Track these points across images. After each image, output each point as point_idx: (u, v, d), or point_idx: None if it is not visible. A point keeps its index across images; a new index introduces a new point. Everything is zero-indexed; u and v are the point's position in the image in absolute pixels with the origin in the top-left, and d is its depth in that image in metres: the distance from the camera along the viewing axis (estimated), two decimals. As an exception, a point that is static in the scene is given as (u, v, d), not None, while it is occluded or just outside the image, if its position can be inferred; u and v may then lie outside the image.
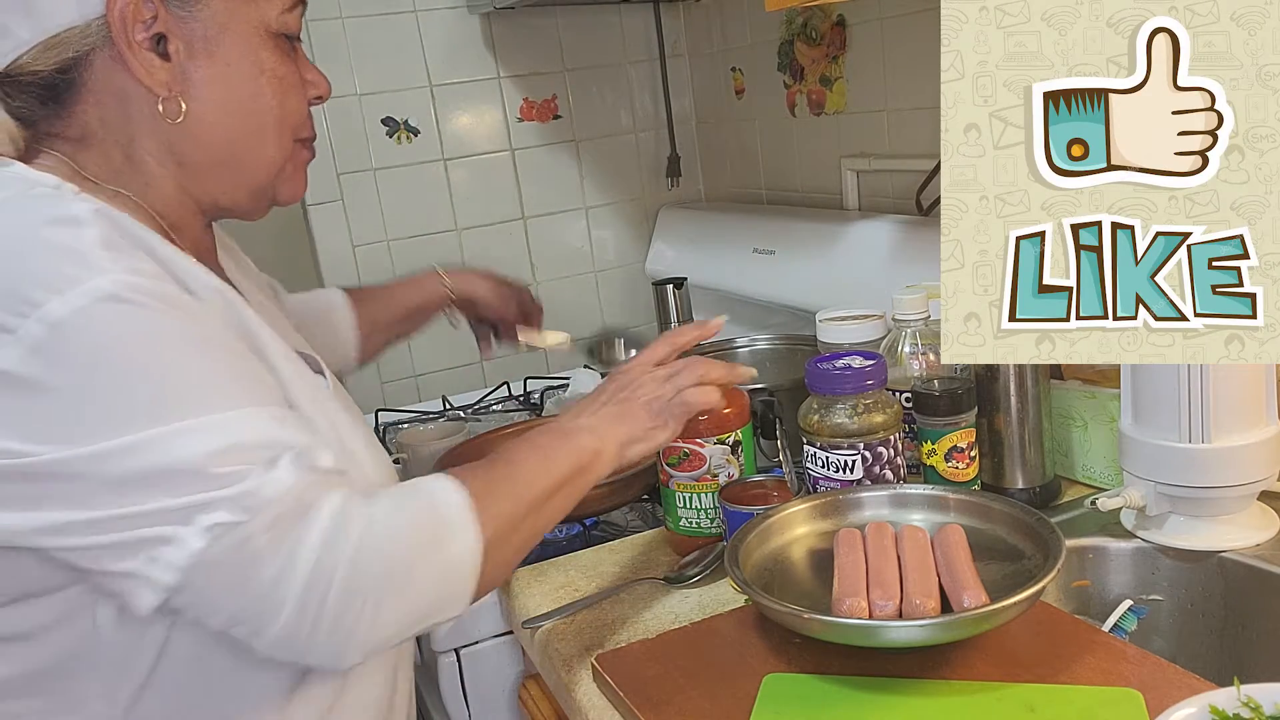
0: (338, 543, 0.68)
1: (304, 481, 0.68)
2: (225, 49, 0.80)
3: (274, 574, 0.66)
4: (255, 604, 0.67)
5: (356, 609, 0.68)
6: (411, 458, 1.47)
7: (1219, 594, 0.95)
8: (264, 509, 0.66)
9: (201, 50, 0.79)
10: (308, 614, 0.67)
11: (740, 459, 1.07)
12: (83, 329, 0.65)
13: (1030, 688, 0.76)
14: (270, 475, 0.67)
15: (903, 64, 1.59)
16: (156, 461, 0.65)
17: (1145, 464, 0.95)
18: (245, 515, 0.65)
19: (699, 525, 1.07)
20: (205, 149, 0.81)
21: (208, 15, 0.79)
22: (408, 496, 0.75)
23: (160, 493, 0.65)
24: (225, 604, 0.67)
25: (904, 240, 1.49)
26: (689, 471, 1.05)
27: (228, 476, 0.66)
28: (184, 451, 0.65)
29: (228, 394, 0.69)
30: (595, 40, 2.08)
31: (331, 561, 0.67)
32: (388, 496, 0.74)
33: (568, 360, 2.06)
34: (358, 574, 0.68)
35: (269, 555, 0.66)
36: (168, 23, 0.77)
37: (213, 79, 0.80)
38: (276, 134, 0.84)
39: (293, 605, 0.66)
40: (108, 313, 0.66)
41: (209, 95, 0.80)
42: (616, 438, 0.89)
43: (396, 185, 1.97)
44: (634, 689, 0.83)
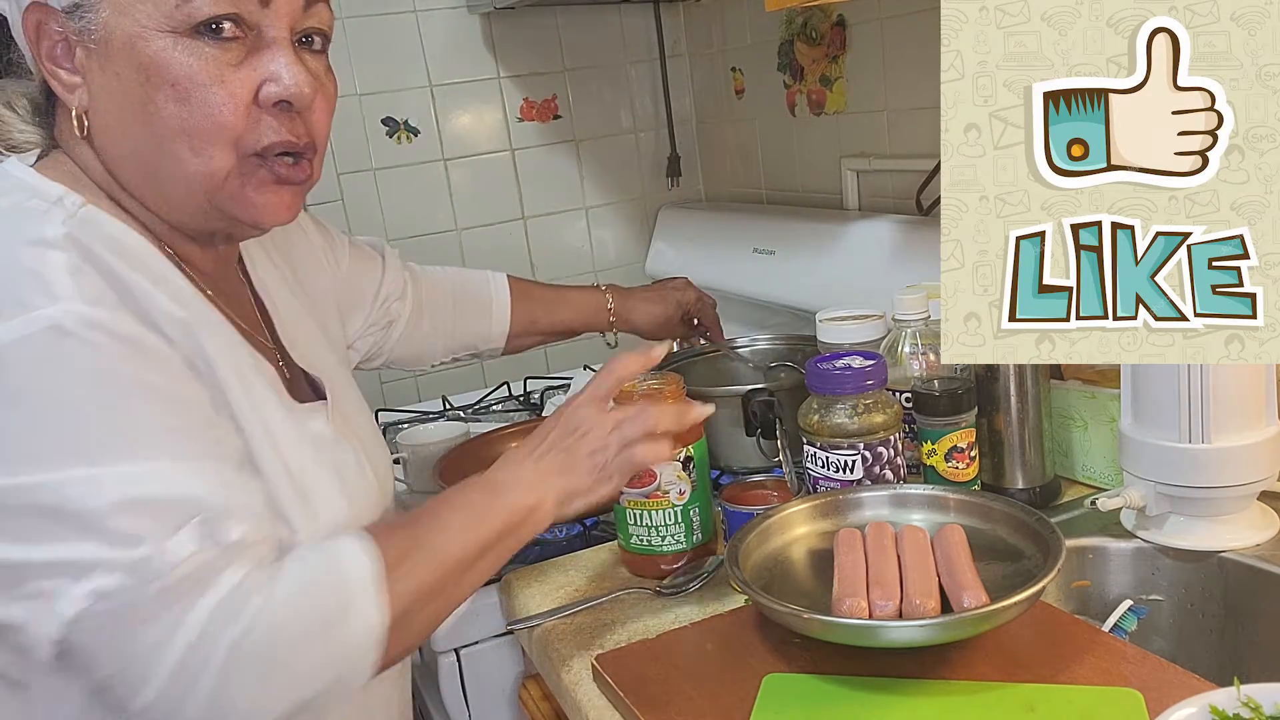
0: (225, 623, 0.65)
1: (204, 555, 0.65)
2: (114, 57, 0.73)
3: (154, 641, 0.64)
4: (132, 667, 0.64)
5: (234, 689, 0.65)
6: (411, 458, 1.47)
7: (1219, 594, 0.95)
8: (156, 578, 0.64)
9: (96, 58, 0.73)
10: (179, 685, 0.64)
11: (693, 475, 1.03)
12: (19, 358, 0.64)
13: (1030, 688, 0.76)
14: (169, 543, 0.64)
15: (903, 64, 1.59)
16: (58, 505, 0.63)
17: (1145, 464, 0.95)
18: (135, 581, 0.63)
19: (650, 543, 1.04)
20: (127, 168, 0.76)
21: (98, 21, 0.72)
22: (315, 568, 0.71)
23: (56, 540, 0.63)
24: (104, 662, 0.65)
25: (904, 240, 1.49)
26: (640, 488, 1.02)
27: (126, 537, 0.63)
28: (88, 500, 0.63)
29: (152, 444, 0.66)
30: (595, 40, 2.08)
31: (214, 641, 0.64)
32: (294, 568, 0.70)
33: (569, 360, 2.07)
34: (241, 655, 0.65)
35: (153, 623, 0.64)
36: (70, 35, 0.73)
37: (107, 89, 0.74)
38: (186, 146, 0.73)
39: (166, 676, 0.64)
40: (49, 345, 0.64)
41: (107, 107, 0.74)
42: (556, 493, 0.83)
43: (396, 185, 1.97)
44: (634, 689, 0.83)
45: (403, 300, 1.21)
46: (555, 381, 1.89)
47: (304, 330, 0.96)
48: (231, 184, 0.76)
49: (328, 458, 0.85)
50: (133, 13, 0.72)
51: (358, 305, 1.15)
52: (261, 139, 0.75)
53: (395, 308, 1.20)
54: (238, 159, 0.75)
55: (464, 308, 1.28)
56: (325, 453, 0.85)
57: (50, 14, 0.73)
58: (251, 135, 0.75)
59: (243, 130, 0.74)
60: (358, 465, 0.88)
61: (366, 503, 0.87)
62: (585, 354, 2.07)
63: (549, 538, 1.25)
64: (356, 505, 0.85)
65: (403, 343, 1.23)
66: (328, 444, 0.86)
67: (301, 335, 0.94)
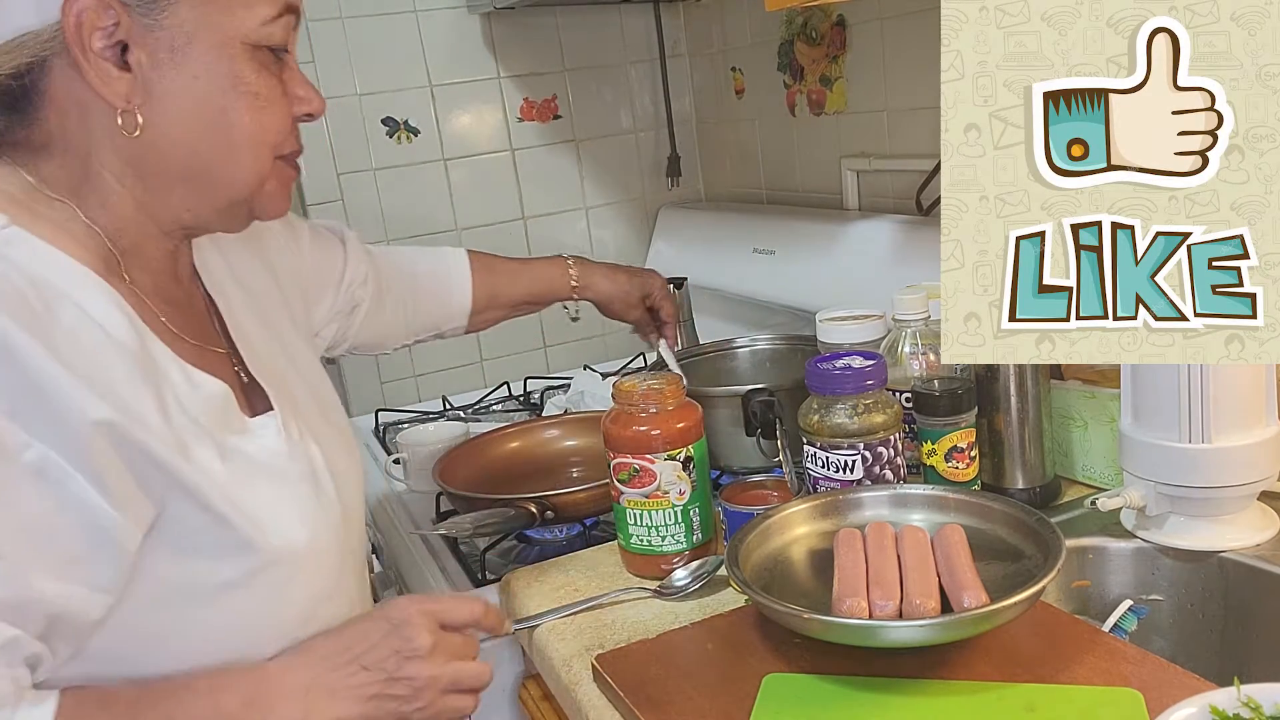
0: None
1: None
2: (193, 60, 0.75)
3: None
4: None
5: None
6: (411, 458, 1.47)
7: (1219, 594, 0.95)
8: None
9: (167, 61, 0.74)
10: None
11: (693, 475, 1.03)
12: None
13: (1030, 688, 0.76)
14: None
15: (903, 64, 1.59)
16: None
17: (1145, 464, 0.95)
18: None
19: (650, 543, 1.04)
20: (169, 164, 0.77)
21: (175, 24, 0.74)
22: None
23: None
24: None
25: (904, 240, 1.49)
26: (639, 488, 1.02)
27: None
28: None
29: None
30: (595, 40, 2.08)
31: None
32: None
33: (569, 360, 2.07)
34: None
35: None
36: (131, 31, 0.73)
37: (178, 91, 0.75)
38: (251, 151, 0.79)
39: None
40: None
41: (173, 108, 0.75)
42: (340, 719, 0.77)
43: (396, 185, 1.97)
44: (634, 689, 0.83)
45: (365, 285, 1.19)
46: (555, 381, 1.89)
47: (258, 331, 0.93)
48: (269, 185, 0.82)
49: (276, 482, 0.81)
50: (225, 20, 0.75)
51: (323, 291, 1.14)
52: (285, 146, 0.82)
53: (359, 292, 1.19)
54: (274, 163, 0.82)
55: (425, 287, 1.26)
56: (274, 477, 0.81)
57: (104, 8, 0.72)
58: (286, 144, 0.82)
59: (286, 139, 0.82)
60: (313, 482, 0.85)
61: (324, 523, 0.84)
62: (585, 354, 2.07)
63: (549, 537, 1.25)
64: (311, 526, 0.82)
65: (365, 328, 1.21)
66: (279, 463, 0.82)
67: (256, 337, 0.92)
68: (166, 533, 0.73)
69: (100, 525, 0.69)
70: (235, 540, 0.76)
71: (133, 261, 0.79)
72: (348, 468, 0.92)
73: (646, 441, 1.01)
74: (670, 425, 1.02)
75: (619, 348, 2.07)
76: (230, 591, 0.76)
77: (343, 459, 0.92)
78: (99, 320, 0.73)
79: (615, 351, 2.09)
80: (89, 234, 0.76)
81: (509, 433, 1.45)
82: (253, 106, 0.77)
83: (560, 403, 1.75)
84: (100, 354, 0.71)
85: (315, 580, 0.83)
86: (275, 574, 0.78)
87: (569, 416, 1.51)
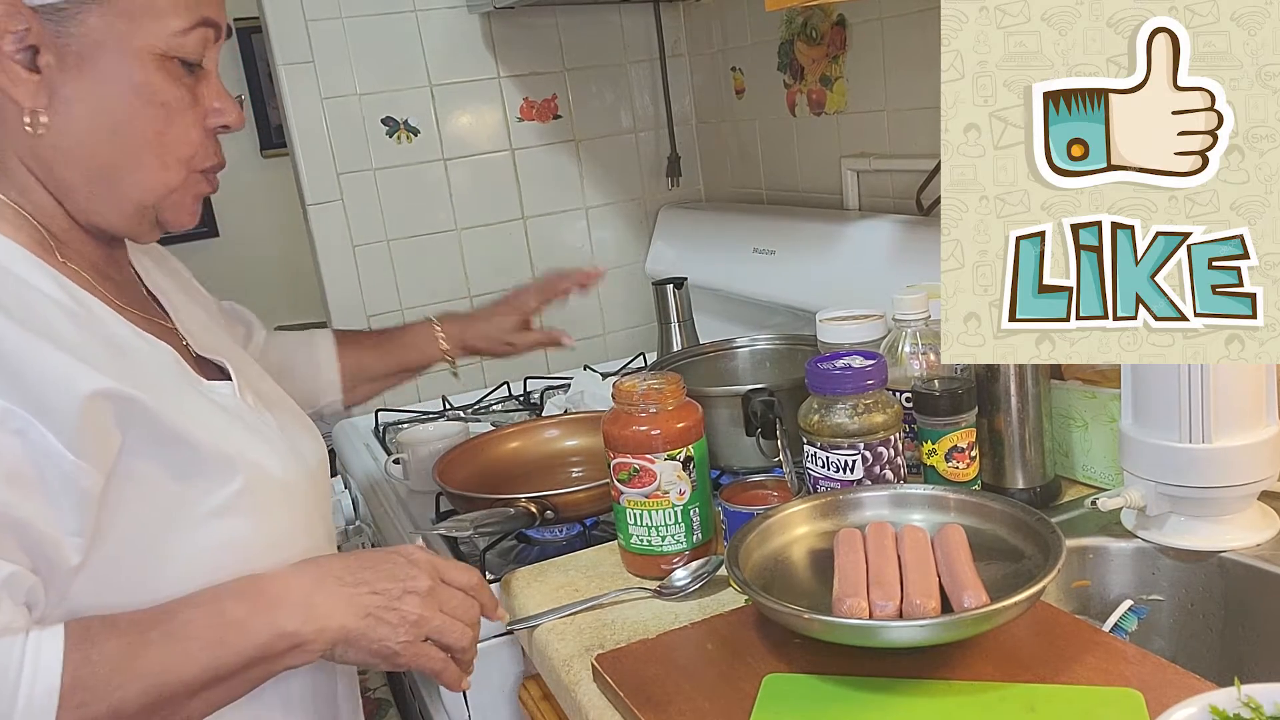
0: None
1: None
2: (101, 68, 0.77)
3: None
4: None
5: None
6: (411, 458, 1.47)
7: (1219, 594, 0.95)
8: None
9: (73, 66, 0.76)
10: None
11: (693, 475, 1.03)
12: None
13: (1030, 688, 0.76)
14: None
15: (903, 64, 1.59)
16: None
17: (1145, 464, 0.95)
18: None
19: (650, 543, 1.04)
20: (72, 165, 0.79)
21: (83, 33, 0.75)
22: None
23: None
24: None
25: (904, 240, 1.49)
26: (639, 488, 1.02)
27: None
28: None
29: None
30: (595, 40, 2.08)
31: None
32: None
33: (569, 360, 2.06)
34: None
35: None
36: (41, 35, 0.75)
37: (81, 96, 0.77)
38: (157, 159, 0.80)
39: None
40: None
41: (78, 112, 0.77)
42: (341, 629, 0.78)
43: (396, 185, 1.97)
44: (634, 689, 0.83)
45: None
46: (555, 381, 1.89)
47: (200, 322, 0.96)
48: (176, 194, 0.83)
49: (244, 422, 0.85)
50: (133, 28, 0.77)
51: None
52: (207, 159, 0.84)
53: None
54: (187, 174, 0.83)
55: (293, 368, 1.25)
56: (242, 418, 0.85)
57: (14, 13, 0.74)
58: (201, 156, 0.84)
59: (198, 151, 0.83)
60: (279, 429, 0.89)
61: (298, 468, 0.87)
62: (586, 354, 2.07)
63: (549, 537, 1.25)
64: (282, 463, 0.85)
65: None
66: (244, 411, 0.86)
67: (197, 326, 0.94)
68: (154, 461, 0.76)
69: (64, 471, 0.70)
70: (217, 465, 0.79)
71: (67, 250, 0.82)
72: (313, 450, 0.94)
73: (646, 441, 1.01)
74: (670, 425, 1.02)
75: (619, 348, 2.07)
76: (219, 516, 0.79)
77: (307, 440, 0.94)
78: (43, 290, 0.76)
79: (615, 351, 2.09)
80: (18, 216, 0.79)
81: (509, 433, 1.45)
82: (158, 116, 0.79)
83: (560, 403, 1.75)
84: (47, 312, 0.74)
85: (295, 510, 0.86)
86: (257, 498, 0.81)
87: (569, 416, 1.51)
